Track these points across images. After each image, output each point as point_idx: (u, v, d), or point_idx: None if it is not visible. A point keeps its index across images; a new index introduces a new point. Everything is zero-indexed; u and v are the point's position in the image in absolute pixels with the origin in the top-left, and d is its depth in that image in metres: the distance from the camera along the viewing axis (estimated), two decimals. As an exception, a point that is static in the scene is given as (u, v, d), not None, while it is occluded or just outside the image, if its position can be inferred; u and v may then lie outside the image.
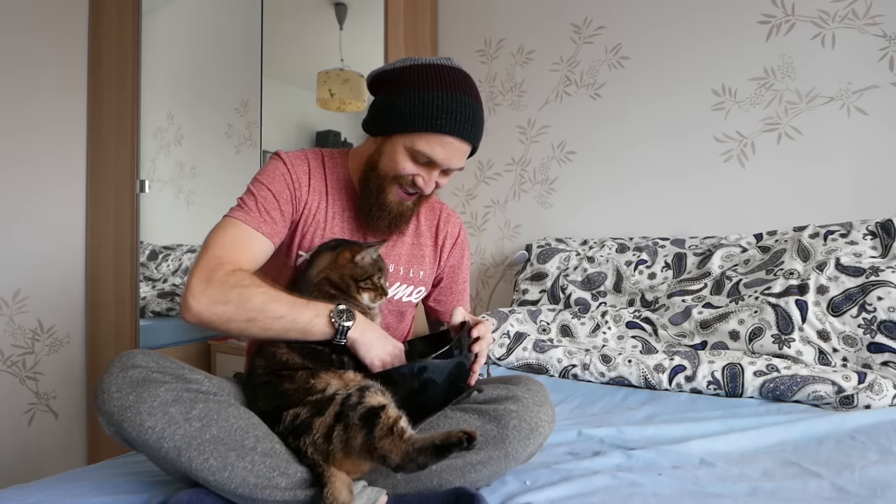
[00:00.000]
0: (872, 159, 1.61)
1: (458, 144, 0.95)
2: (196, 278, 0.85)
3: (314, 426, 0.72)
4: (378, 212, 1.00)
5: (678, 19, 1.89)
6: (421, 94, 0.92)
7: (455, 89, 0.93)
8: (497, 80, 2.27)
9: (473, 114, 0.95)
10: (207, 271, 0.86)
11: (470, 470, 0.75)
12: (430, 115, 0.92)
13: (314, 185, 1.04)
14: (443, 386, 0.83)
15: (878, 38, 1.60)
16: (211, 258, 0.88)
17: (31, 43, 2.04)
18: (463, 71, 0.98)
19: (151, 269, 2.21)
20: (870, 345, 1.29)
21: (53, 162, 2.12)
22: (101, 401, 0.73)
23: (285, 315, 0.84)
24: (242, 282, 0.85)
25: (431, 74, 0.94)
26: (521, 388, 0.87)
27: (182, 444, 0.70)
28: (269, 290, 0.86)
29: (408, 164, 0.96)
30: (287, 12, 2.34)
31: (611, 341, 1.59)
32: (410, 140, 0.94)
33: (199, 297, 0.84)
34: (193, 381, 0.78)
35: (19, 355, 2.04)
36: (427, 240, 1.14)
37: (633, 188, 1.99)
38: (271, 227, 0.95)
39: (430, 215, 1.16)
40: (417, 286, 1.12)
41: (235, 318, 0.84)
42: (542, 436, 0.82)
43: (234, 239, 0.92)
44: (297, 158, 1.03)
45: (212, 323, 0.85)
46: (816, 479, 0.82)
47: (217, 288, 0.84)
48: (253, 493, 0.70)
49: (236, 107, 2.41)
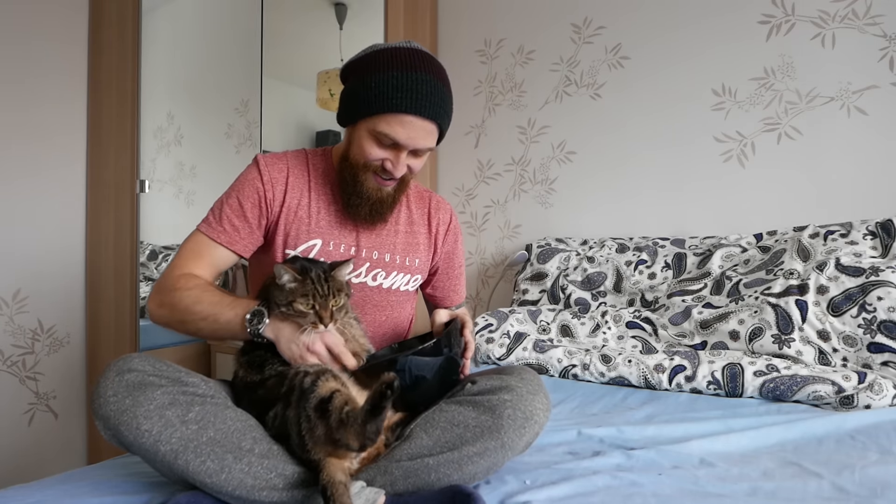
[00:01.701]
0: (872, 159, 1.61)
1: (420, 122, 0.95)
2: (154, 285, 0.98)
3: (290, 424, 0.74)
4: (357, 200, 1.02)
5: (678, 20, 1.89)
6: (378, 76, 0.94)
7: (411, 68, 0.94)
8: (497, 80, 2.27)
9: (432, 90, 0.95)
10: (163, 279, 0.97)
11: (467, 462, 0.75)
12: (387, 95, 0.93)
13: (293, 183, 1.05)
14: (434, 381, 0.85)
15: (878, 38, 1.60)
16: (170, 267, 0.99)
17: (32, 43, 2.04)
18: (423, 51, 0.99)
19: (151, 269, 2.21)
20: (870, 345, 1.29)
21: (54, 162, 2.12)
22: (98, 405, 0.73)
23: (208, 316, 0.90)
24: (177, 284, 0.94)
25: (387, 57, 0.95)
26: (514, 377, 0.88)
27: (179, 447, 0.70)
28: (197, 291, 0.92)
29: (374, 149, 0.97)
30: (287, 12, 2.34)
31: (611, 341, 1.59)
32: (372, 123, 0.95)
33: (150, 301, 0.97)
34: (190, 385, 0.78)
35: (19, 355, 2.04)
36: (421, 228, 1.16)
37: (632, 188, 1.99)
38: (229, 236, 1.01)
39: (420, 204, 1.18)
40: (414, 274, 1.13)
41: (172, 320, 0.94)
42: (538, 424, 0.82)
43: (191, 249, 1.01)
44: (273, 159, 1.06)
45: (160, 323, 0.96)
46: (816, 479, 0.82)
47: (161, 293, 0.95)
48: (250, 495, 0.69)
49: (236, 107, 2.41)
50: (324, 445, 0.71)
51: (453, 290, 1.24)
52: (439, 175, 2.40)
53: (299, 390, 0.75)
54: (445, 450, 0.76)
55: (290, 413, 0.74)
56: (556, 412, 1.22)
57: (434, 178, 2.39)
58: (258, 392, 0.82)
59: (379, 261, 1.09)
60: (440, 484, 0.75)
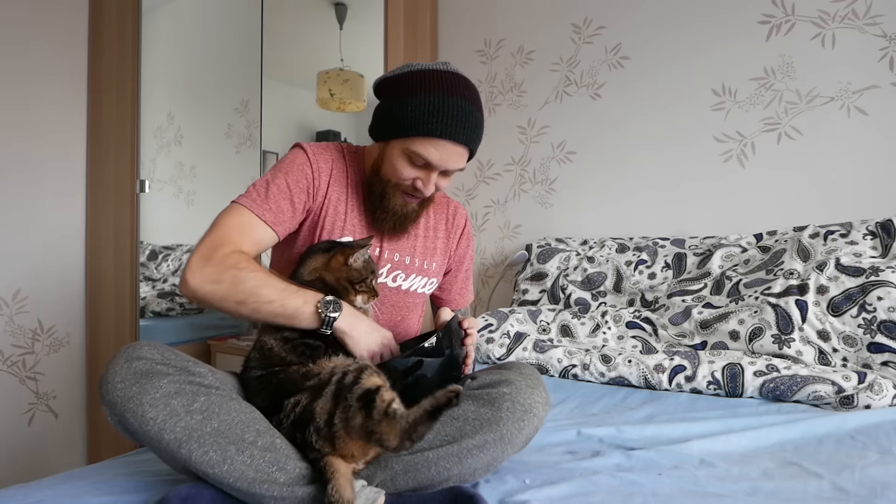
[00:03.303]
0: (872, 159, 1.61)
1: (453, 147, 0.97)
2: (196, 256, 0.90)
3: (316, 412, 0.73)
4: (382, 214, 1.04)
5: (678, 20, 1.89)
6: (415, 99, 0.95)
7: (448, 94, 0.95)
8: (497, 80, 2.27)
9: (467, 116, 0.96)
10: (208, 251, 0.90)
11: (467, 455, 0.75)
12: (424, 120, 0.94)
13: (336, 176, 1.07)
14: (435, 378, 0.85)
15: (878, 38, 1.60)
16: (213, 239, 0.92)
17: (32, 43, 2.04)
18: (459, 74, 1.00)
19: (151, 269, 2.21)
20: (870, 345, 1.29)
21: (54, 162, 2.12)
22: (105, 391, 0.74)
23: (275, 300, 0.87)
24: (238, 264, 0.89)
25: (426, 79, 0.97)
26: (513, 372, 0.89)
27: (183, 437, 0.71)
28: (262, 274, 0.90)
29: (406, 169, 0.99)
30: (287, 12, 2.34)
31: (611, 341, 1.59)
32: (407, 143, 0.97)
33: (196, 273, 0.88)
34: (197, 374, 0.79)
35: (19, 355, 2.04)
36: (440, 233, 1.19)
37: (632, 188, 1.99)
38: (275, 216, 0.98)
39: (439, 209, 1.20)
40: (431, 277, 1.16)
41: (228, 298, 0.88)
42: (537, 418, 0.82)
43: (237, 224, 0.96)
44: (319, 149, 1.07)
45: (205, 299, 0.89)
46: (816, 479, 0.82)
47: (214, 267, 0.88)
48: (251, 488, 0.70)
49: (236, 107, 2.41)
50: (356, 435, 0.71)
51: (459, 292, 1.28)
52: (439, 175, 2.40)
53: (338, 384, 0.74)
54: (445, 443, 0.76)
55: (318, 405, 0.74)
56: (556, 412, 1.22)
57: (434, 178, 2.38)
58: (279, 376, 0.82)
59: (399, 263, 1.11)
60: (440, 478, 0.75)
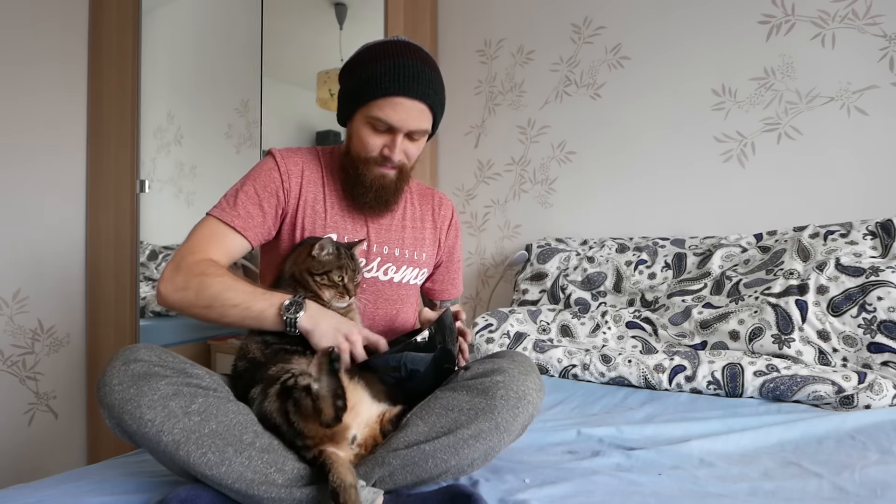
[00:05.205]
0: (872, 159, 1.61)
1: (411, 103, 0.98)
2: (169, 266, 0.94)
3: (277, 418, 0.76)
4: (361, 189, 1.05)
5: (678, 19, 1.89)
6: (366, 68, 0.98)
7: (397, 56, 0.98)
8: (497, 80, 2.27)
9: (419, 73, 0.98)
10: (178, 260, 0.94)
11: (463, 445, 0.75)
12: (377, 82, 0.97)
13: (309, 177, 1.08)
14: (429, 372, 0.86)
15: (878, 38, 1.60)
16: (184, 249, 0.96)
17: (32, 43, 2.04)
18: (409, 41, 1.03)
19: (151, 269, 2.21)
20: (870, 345, 1.29)
21: (54, 162, 2.12)
22: (103, 393, 0.74)
23: (240, 304, 0.89)
24: (206, 271, 0.92)
25: (374, 50, 1.00)
26: (506, 360, 0.89)
27: (181, 438, 0.71)
28: (228, 279, 0.91)
29: (371, 137, 1.01)
30: (287, 12, 2.34)
31: (611, 341, 1.59)
32: (366, 111, 0.99)
33: (167, 283, 0.93)
34: (194, 376, 0.79)
35: (19, 355, 2.04)
36: (426, 223, 1.20)
37: (632, 188, 1.99)
38: (244, 221, 1.01)
39: (424, 200, 1.22)
40: (422, 268, 1.18)
41: (196, 304, 0.91)
42: (532, 405, 0.82)
43: (207, 233, 0.99)
44: (289, 153, 1.10)
45: (176, 307, 0.92)
46: (816, 479, 0.82)
47: (182, 275, 0.92)
48: (249, 489, 0.70)
49: (236, 107, 2.41)
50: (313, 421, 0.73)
51: (451, 283, 1.30)
52: (439, 175, 2.41)
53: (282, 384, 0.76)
54: (441, 434, 0.76)
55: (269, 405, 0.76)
56: (555, 412, 1.22)
57: (434, 178, 2.39)
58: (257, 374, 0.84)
59: (389, 255, 1.12)
60: (438, 471, 0.75)
